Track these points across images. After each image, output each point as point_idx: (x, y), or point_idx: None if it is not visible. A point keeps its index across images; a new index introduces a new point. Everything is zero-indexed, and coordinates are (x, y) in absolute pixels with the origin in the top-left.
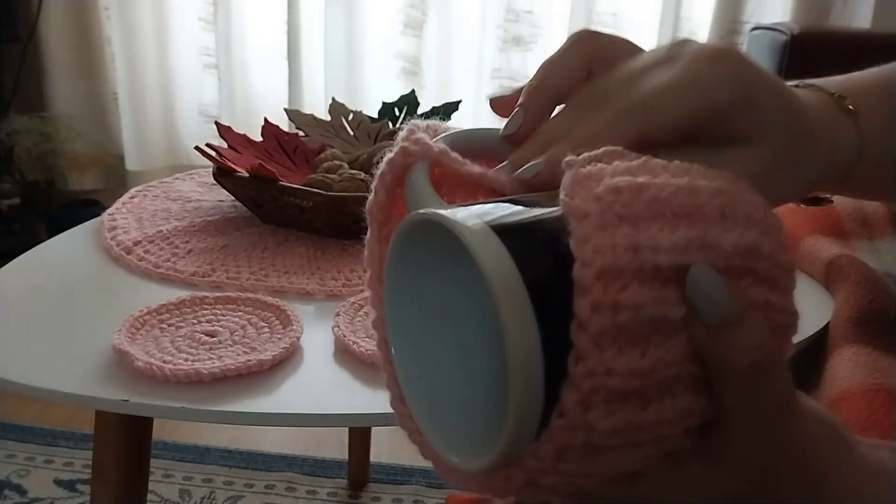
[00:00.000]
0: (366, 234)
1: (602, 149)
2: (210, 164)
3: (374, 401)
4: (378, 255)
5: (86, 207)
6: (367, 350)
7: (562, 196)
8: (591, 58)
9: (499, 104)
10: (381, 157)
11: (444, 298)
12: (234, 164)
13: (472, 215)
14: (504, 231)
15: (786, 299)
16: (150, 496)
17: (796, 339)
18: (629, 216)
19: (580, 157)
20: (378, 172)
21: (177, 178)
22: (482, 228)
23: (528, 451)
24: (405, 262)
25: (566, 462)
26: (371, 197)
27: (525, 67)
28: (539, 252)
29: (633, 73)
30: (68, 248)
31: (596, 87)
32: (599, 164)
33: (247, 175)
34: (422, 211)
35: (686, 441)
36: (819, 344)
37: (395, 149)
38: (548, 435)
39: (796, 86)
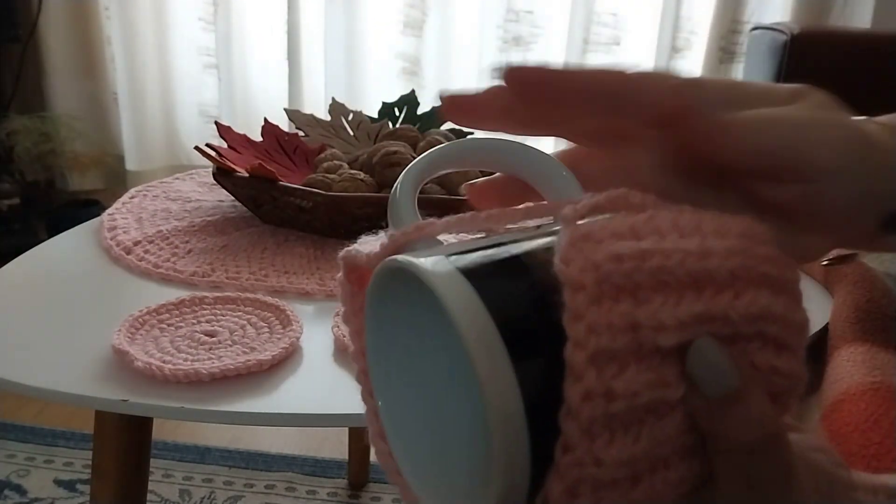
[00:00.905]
0: (366, 234)
1: (605, 194)
2: (210, 164)
3: None
4: (353, 312)
5: (86, 207)
6: None
7: (556, 260)
8: None
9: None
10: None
11: (426, 348)
12: (233, 164)
13: (444, 260)
14: (481, 277)
15: (793, 363)
16: (150, 496)
17: None
18: (629, 288)
19: (579, 205)
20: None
21: (177, 178)
22: (452, 275)
23: (538, 498)
24: (384, 312)
25: (579, 499)
26: (340, 275)
27: None
28: (523, 305)
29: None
30: (68, 248)
31: None
32: (600, 219)
33: (247, 175)
34: (391, 259)
35: None
36: (819, 345)
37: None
38: (556, 474)
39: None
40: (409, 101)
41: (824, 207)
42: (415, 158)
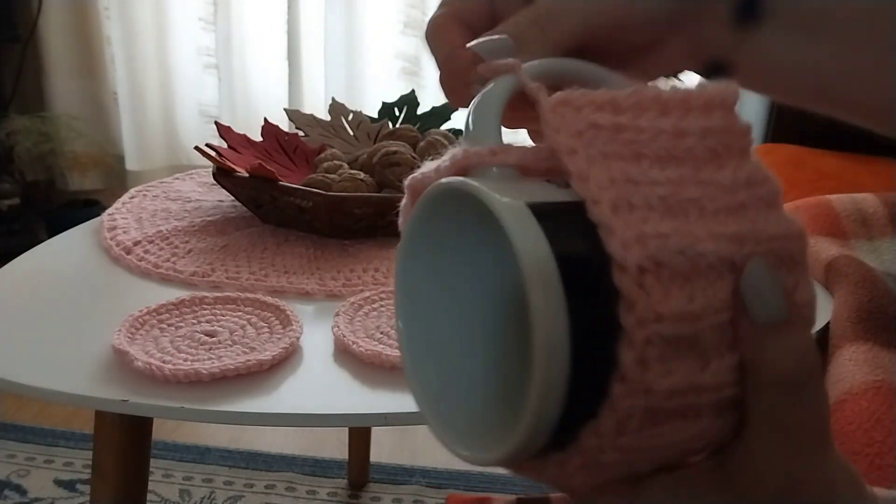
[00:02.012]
0: (365, 234)
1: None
2: (210, 164)
3: (374, 401)
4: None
5: (86, 207)
6: (366, 350)
7: (544, 128)
8: None
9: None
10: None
11: (465, 276)
12: (233, 164)
13: (512, 190)
14: (540, 213)
15: (811, 290)
16: (150, 496)
17: None
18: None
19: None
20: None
21: (177, 178)
22: (520, 209)
23: (588, 430)
24: (425, 233)
25: (626, 434)
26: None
27: None
28: (581, 245)
29: None
30: (68, 248)
31: None
32: (582, 89)
33: (247, 175)
34: (456, 180)
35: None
36: (819, 345)
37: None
38: (608, 406)
39: None
40: (409, 101)
41: (645, 28)
42: (415, 158)
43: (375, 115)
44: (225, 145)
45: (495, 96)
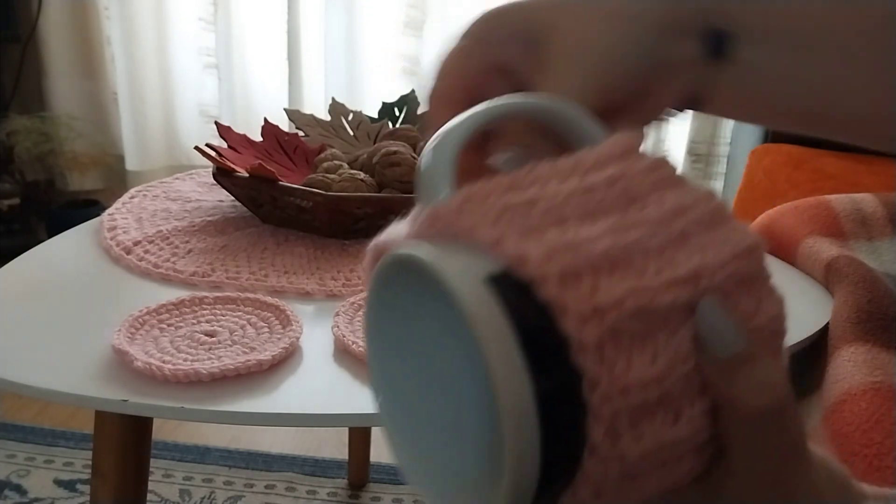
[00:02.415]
0: (365, 234)
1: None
2: (210, 164)
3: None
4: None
5: (86, 207)
6: (366, 350)
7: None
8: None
9: None
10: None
11: (429, 340)
12: (233, 164)
13: (465, 260)
14: (498, 285)
15: (778, 303)
16: (150, 496)
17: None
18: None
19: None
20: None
21: (177, 178)
22: (475, 284)
23: (566, 495)
24: (387, 301)
25: (605, 495)
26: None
27: None
28: (528, 308)
29: None
30: (68, 248)
31: None
32: (479, 182)
33: (246, 175)
34: (400, 252)
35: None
36: (819, 345)
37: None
38: (583, 476)
39: None
40: (409, 100)
41: (606, 85)
42: (415, 158)
43: (375, 115)
44: (225, 145)
45: (444, 147)
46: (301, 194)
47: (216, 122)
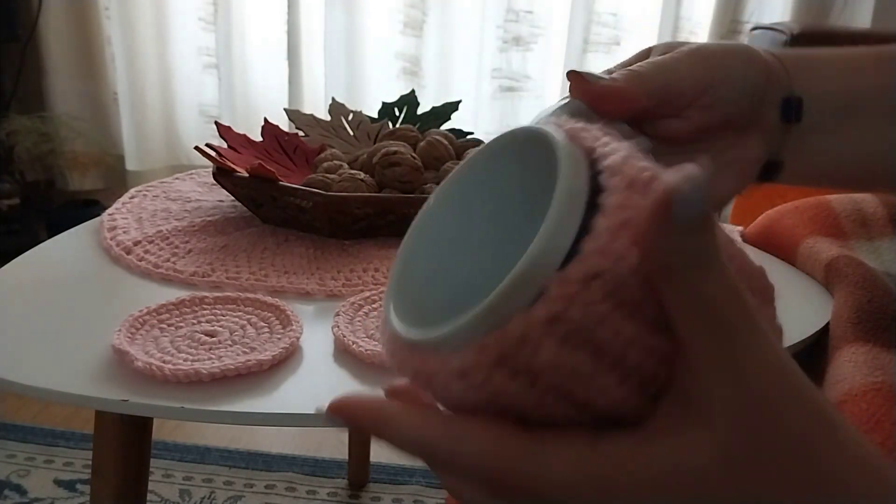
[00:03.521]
0: (365, 234)
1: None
2: (210, 164)
3: None
4: None
5: (86, 207)
6: (366, 350)
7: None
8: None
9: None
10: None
11: (486, 211)
12: (233, 164)
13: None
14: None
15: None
16: (150, 496)
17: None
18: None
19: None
20: None
21: (177, 178)
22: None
23: (519, 310)
24: (479, 172)
25: (556, 331)
26: None
27: (525, 67)
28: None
29: None
30: (68, 248)
31: None
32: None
33: (246, 175)
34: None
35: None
36: (820, 345)
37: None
38: (568, 269)
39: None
40: (409, 101)
41: (720, 112)
42: (415, 158)
43: (375, 115)
44: (225, 145)
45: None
46: (301, 194)
47: (216, 122)
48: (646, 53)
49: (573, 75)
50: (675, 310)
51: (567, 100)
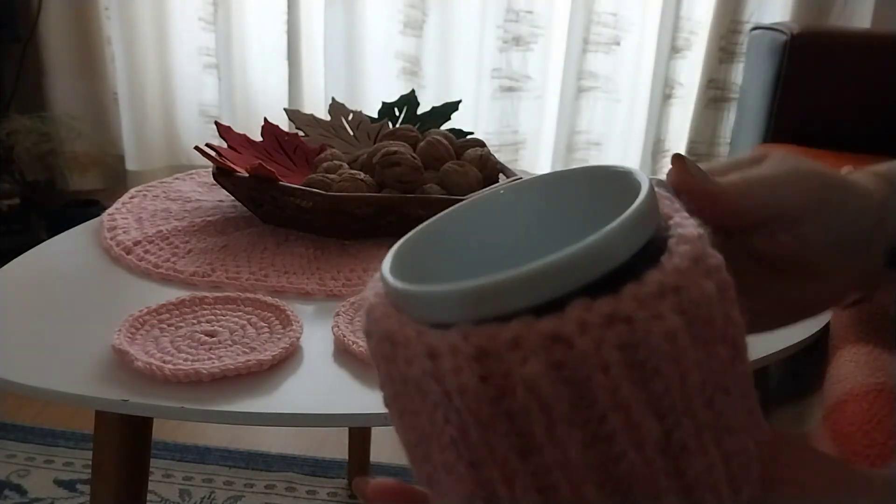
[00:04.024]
0: (365, 234)
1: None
2: (210, 164)
3: (374, 401)
4: None
5: (86, 207)
6: (366, 350)
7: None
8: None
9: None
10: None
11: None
12: (233, 164)
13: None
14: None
15: None
16: (150, 496)
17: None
18: None
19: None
20: None
21: (177, 179)
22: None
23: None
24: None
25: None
26: None
27: (525, 67)
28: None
29: None
30: (68, 247)
31: None
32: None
33: (246, 175)
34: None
35: None
36: (820, 345)
37: None
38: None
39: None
40: (409, 101)
41: (812, 250)
42: (415, 158)
43: (375, 115)
44: (225, 145)
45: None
46: (301, 194)
47: (216, 122)
48: (761, 157)
49: (677, 161)
50: None
51: (656, 180)
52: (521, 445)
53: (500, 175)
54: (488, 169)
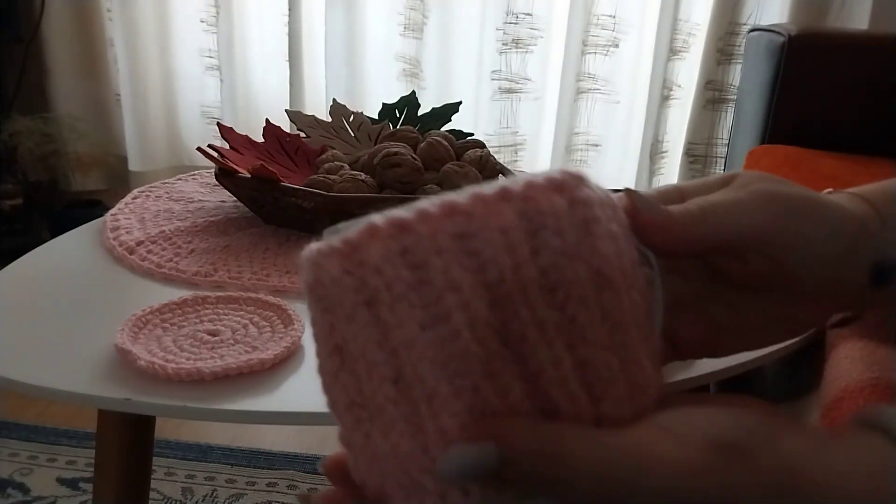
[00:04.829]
0: None
1: None
2: (212, 164)
3: None
4: None
5: (88, 208)
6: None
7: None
8: None
9: None
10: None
11: None
12: (235, 164)
13: None
14: None
15: None
16: (152, 494)
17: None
18: None
19: None
20: None
21: (179, 179)
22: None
23: None
24: None
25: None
26: None
27: (524, 69)
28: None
29: None
30: (71, 248)
31: None
32: None
33: (248, 176)
34: None
35: None
36: (818, 343)
37: None
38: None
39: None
40: (410, 102)
41: (786, 270)
42: (416, 160)
43: (376, 117)
44: (227, 146)
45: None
46: (302, 195)
47: (218, 123)
48: (730, 178)
49: (628, 195)
50: None
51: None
52: (378, 335)
53: (500, 175)
54: (488, 170)
